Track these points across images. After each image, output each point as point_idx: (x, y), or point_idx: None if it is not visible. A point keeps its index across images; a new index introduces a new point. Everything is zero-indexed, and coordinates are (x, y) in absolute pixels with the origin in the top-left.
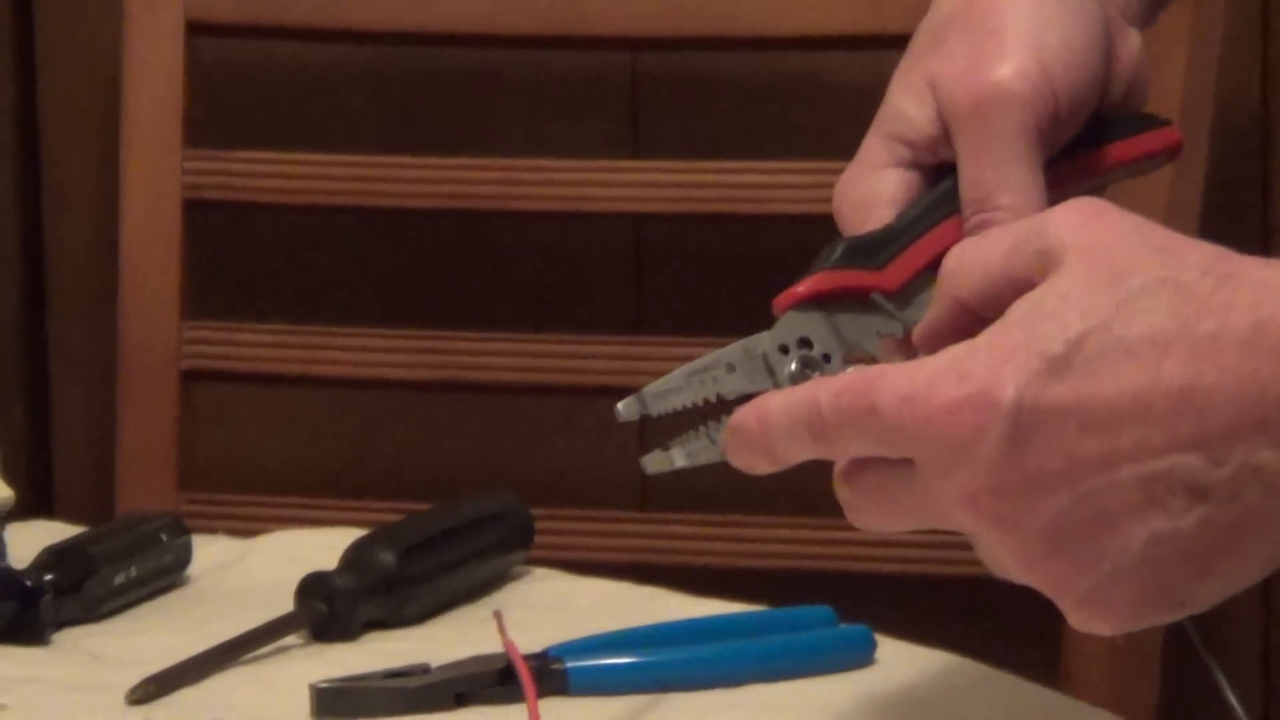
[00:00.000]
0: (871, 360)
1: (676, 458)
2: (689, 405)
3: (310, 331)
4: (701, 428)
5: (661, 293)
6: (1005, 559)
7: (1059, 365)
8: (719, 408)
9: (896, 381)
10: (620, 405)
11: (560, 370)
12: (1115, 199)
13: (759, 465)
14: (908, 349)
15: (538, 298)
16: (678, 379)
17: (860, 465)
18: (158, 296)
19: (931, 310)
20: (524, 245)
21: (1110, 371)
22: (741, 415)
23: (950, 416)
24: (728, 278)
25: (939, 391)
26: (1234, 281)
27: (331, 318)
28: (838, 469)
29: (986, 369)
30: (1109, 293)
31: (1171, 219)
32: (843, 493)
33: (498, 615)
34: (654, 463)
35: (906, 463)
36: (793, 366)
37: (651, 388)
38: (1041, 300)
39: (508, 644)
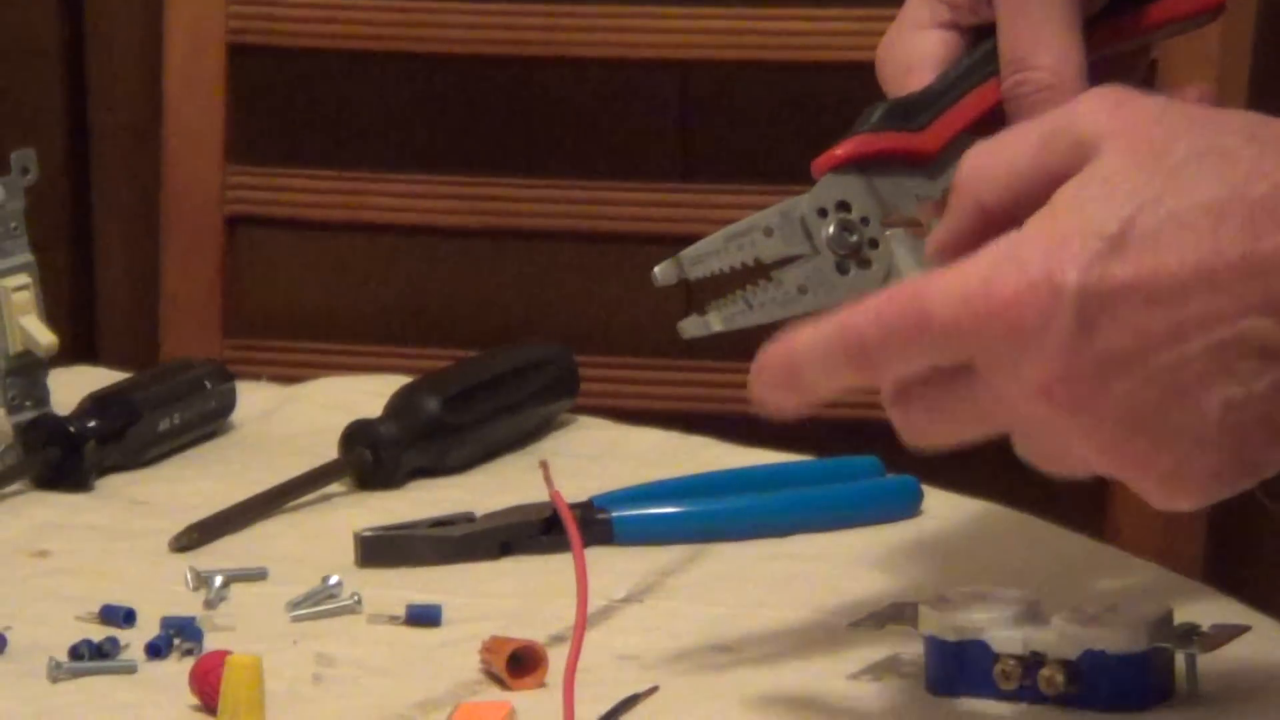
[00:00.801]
0: (913, 223)
1: (713, 322)
2: (726, 269)
3: (355, 177)
4: (739, 291)
5: (708, 141)
6: (1084, 446)
7: (1117, 244)
8: (756, 272)
9: (947, 284)
10: (657, 270)
11: (606, 218)
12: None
13: (789, 403)
14: (944, 211)
15: (584, 145)
16: (715, 243)
17: (910, 383)
18: (201, 142)
19: (949, 218)
20: (571, 92)
21: (1170, 244)
22: (766, 354)
23: (1014, 309)
24: (774, 125)
25: (998, 285)
26: (1276, 145)
27: (376, 164)
28: (886, 392)
29: (1044, 255)
30: (1155, 168)
31: (1222, 87)
32: (895, 414)
33: (544, 465)
34: (691, 327)
35: (964, 370)
36: (831, 230)
37: (689, 252)
38: (1086, 184)
39: (554, 494)
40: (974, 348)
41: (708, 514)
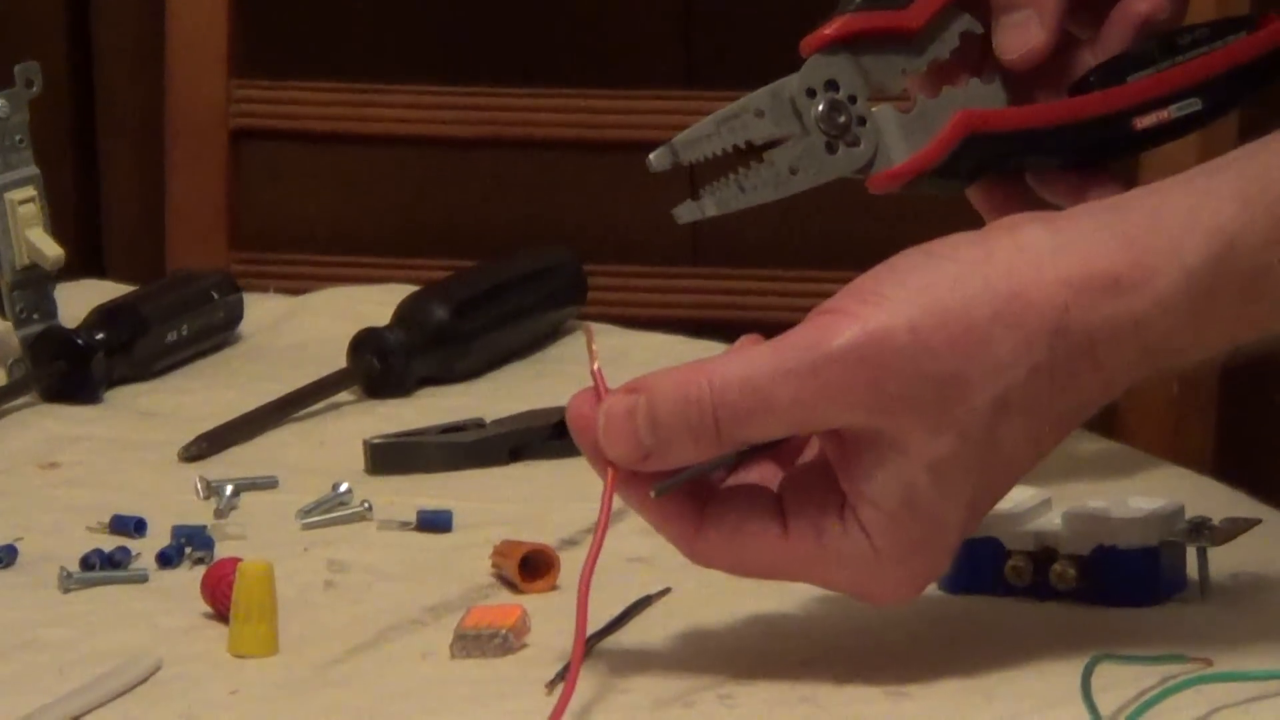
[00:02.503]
0: (903, 98)
1: (707, 206)
2: (719, 152)
3: (359, 89)
4: (731, 175)
5: (711, 46)
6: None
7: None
8: (749, 154)
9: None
10: (652, 156)
11: (611, 125)
12: None
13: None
14: (931, 85)
15: (588, 53)
16: (707, 126)
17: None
18: (205, 55)
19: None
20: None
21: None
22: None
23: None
24: (777, 29)
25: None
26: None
27: (380, 75)
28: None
29: (911, 576)
30: (967, 445)
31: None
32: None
33: (588, 329)
34: (685, 212)
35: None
36: (820, 109)
37: (682, 136)
38: (902, 488)
39: (594, 366)
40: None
41: None
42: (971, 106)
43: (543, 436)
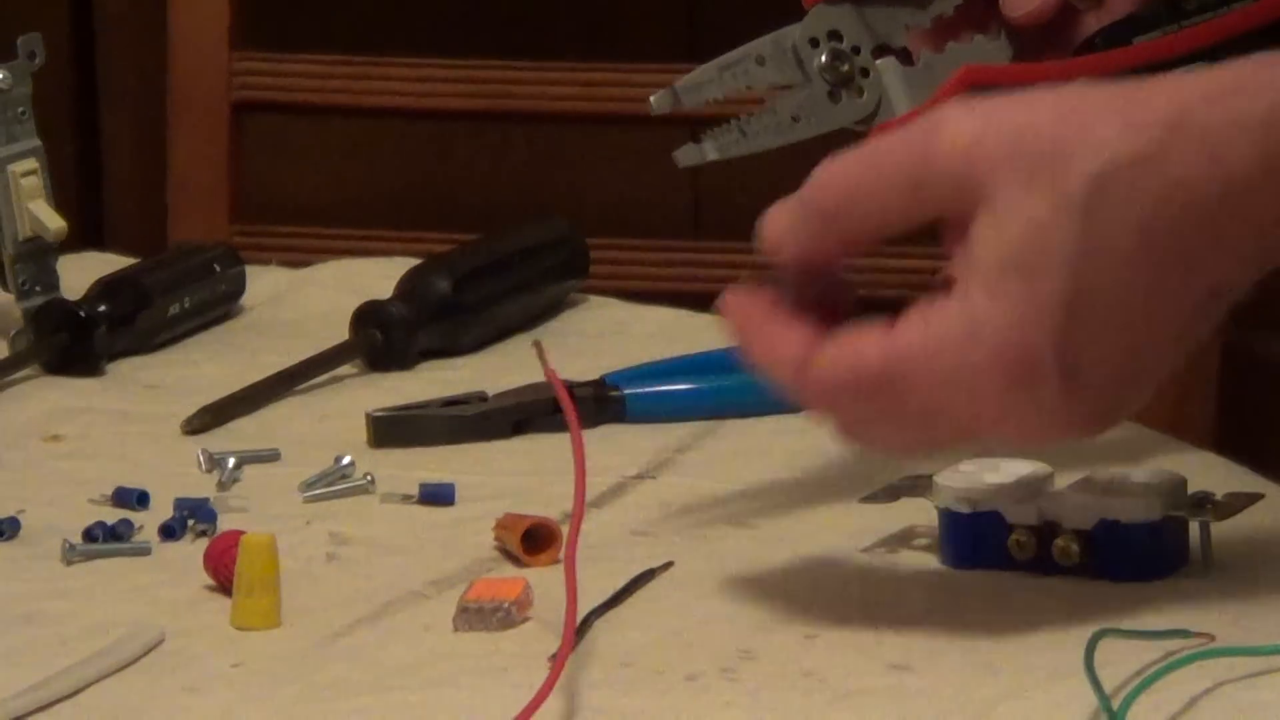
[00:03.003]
0: (902, 52)
1: (708, 150)
2: (720, 97)
3: (361, 62)
4: (733, 120)
5: (714, 20)
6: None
7: (1073, 308)
8: (750, 100)
9: (914, 362)
10: (653, 98)
11: (613, 99)
12: None
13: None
14: (936, 41)
15: (591, 26)
16: (709, 72)
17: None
18: (207, 26)
19: (802, 231)
20: None
21: (1112, 283)
22: (732, 310)
23: (1004, 403)
24: (780, 4)
25: (977, 388)
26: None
27: (382, 48)
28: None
29: (1018, 339)
30: (1062, 205)
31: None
32: (825, 405)
33: (537, 345)
34: (686, 155)
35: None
36: (822, 59)
37: (684, 81)
38: (1005, 229)
39: (549, 372)
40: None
41: (720, 391)
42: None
43: (545, 410)
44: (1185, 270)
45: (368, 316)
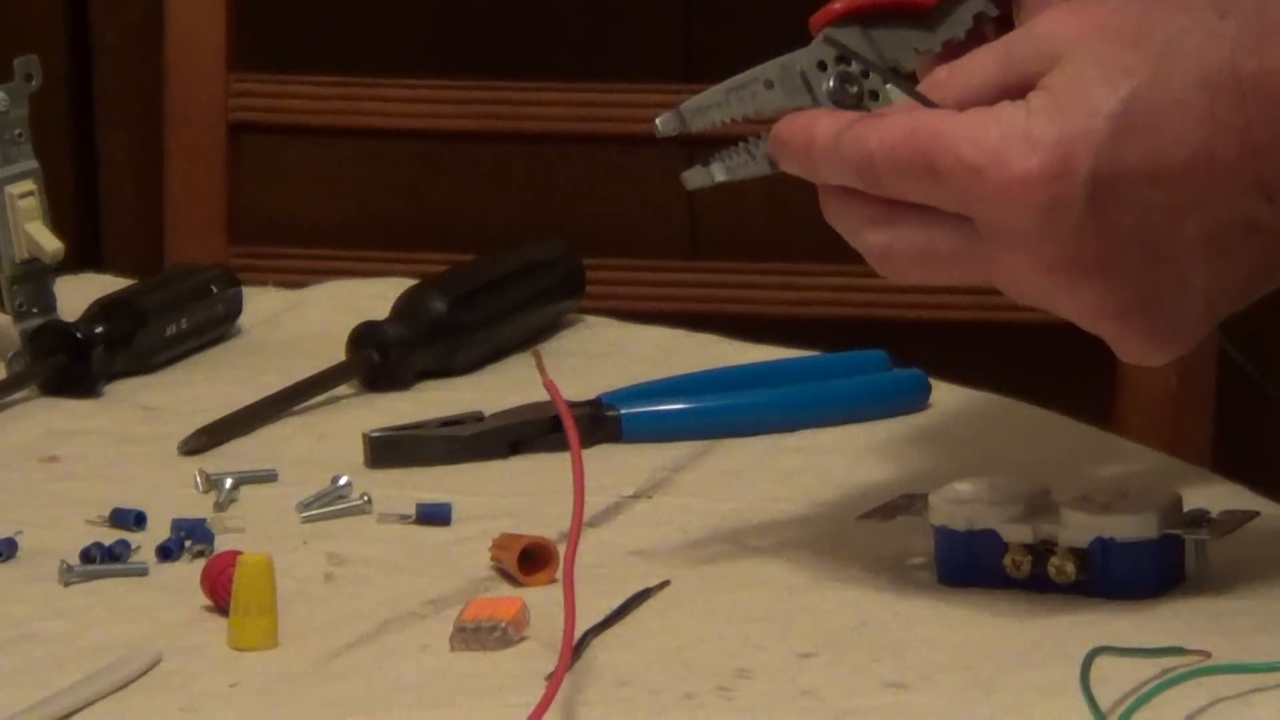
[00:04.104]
0: (912, 76)
1: (716, 172)
2: (727, 121)
3: (358, 83)
4: (741, 143)
5: (711, 40)
6: (1075, 307)
7: (1122, 125)
8: (758, 124)
9: (959, 145)
10: (659, 120)
11: (610, 119)
12: None
13: (800, 174)
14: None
15: (587, 46)
16: (716, 95)
17: (901, 211)
18: (204, 49)
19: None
20: None
21: (1170, 124)
22: (788, 130)
23: (1026, 189)
24: (777, 23)
25: (1011, 162)
26: (1254, 18)
27: (379, 69)
28: (866, 214)
29: (1057, 137)
30: (1141, 51)
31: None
32: (874, 238)
33: (536, 353)
34: (694, 177)
35: (965, 220)
36: (831, 83)
37: (690, 103)
38: (1081, 66)
39: (547, 383)
40: (980, 214)
41: (716, 410)
42: None
43: (542, 430)
44: (1241, 151)
45: (365, 337)
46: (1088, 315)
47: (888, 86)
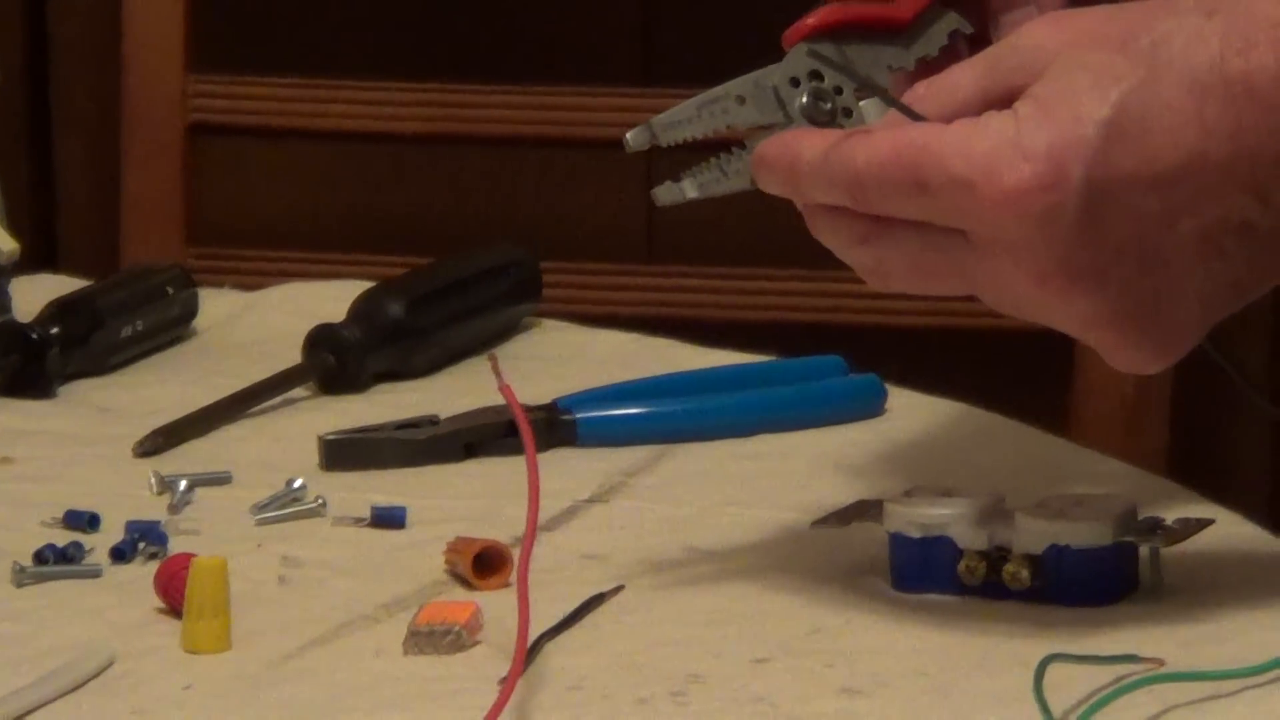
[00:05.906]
0: (884, 94)
1: (688, 189)
2: (698, 136)
3: (316, 85)
4: (713, 159)
5: (669, 43)
6: (1066, 322)
7: (1113, 131)
8: (729, 140)
9: (948, 159)
10: (629, 135)
11: (567, 123)
12: None
13: (784, 194)
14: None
15: (545, 49)
16: (688, 110)
17: (892, 226)
18: (162, 49)
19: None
20: None
21: (1160, 129)
22: (771, 151)
23: (1019, 200)
24: (735, 28)
25: (1001, 174)
26: (1241, 17)
27: (337, 71)
28: (856, 232)
29: (1048, 146)
30: (1128, 55)
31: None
32: (865, 254)
33: (493, 358)
34: (665, 193)
35: (953, 230)
36: (804, 99)
37: (661, 118)
38: (1069, 71)
39: (503, 387)
40: (972, 228)
41: (672, 415)
42: None
43: (498, 433)
44: (1233, 152)
45: (320, 340)
46: (1081, 325)
47: (862, 104)
